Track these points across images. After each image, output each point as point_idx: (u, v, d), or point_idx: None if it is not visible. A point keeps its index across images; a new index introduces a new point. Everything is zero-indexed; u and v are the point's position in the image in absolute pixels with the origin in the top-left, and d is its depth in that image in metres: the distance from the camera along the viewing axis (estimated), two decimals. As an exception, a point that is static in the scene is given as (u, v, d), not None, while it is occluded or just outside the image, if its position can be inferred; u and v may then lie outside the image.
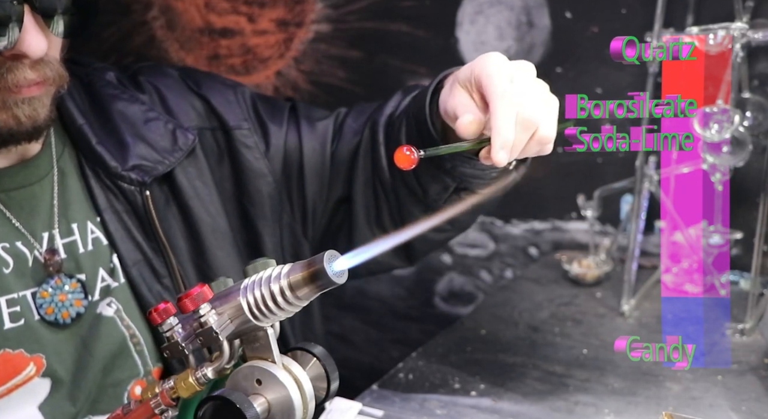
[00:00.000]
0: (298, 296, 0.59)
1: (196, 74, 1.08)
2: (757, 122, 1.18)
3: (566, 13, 1.38)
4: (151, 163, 0.94)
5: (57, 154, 0.94)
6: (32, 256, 0.89)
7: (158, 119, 0.98)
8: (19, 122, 0.82)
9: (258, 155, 1.03)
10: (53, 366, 0.88)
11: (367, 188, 1.01)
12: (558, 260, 1.37)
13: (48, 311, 0.87)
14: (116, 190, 0.93)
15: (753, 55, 1.21)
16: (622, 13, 1.33)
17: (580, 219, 1.44)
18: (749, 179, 1.23)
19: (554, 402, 0.93)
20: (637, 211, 1.19)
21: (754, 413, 0.89)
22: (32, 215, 0.90)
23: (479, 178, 0.89)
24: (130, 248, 0.93)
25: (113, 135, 0.95)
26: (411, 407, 0.93)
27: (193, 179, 0.99)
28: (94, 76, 1.00)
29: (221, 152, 1.03)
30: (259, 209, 1.03)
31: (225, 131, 1.03)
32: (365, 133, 1.02)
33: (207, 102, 1.04)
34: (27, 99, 0.81)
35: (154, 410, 0.67)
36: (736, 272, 1.27)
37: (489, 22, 1.44)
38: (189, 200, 0.98)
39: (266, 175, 1.03)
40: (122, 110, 0.97)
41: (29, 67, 0.79)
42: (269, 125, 1.05)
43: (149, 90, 1.02)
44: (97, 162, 0.93)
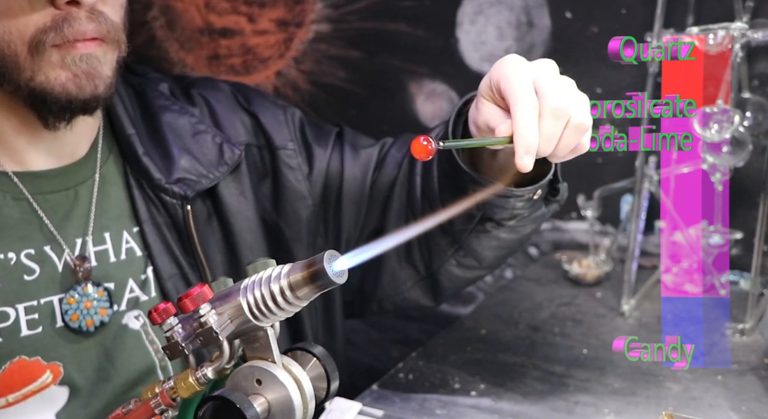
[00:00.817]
0: (298, 296, 0.59)
1: (247, 90, 1.07)
2: (757, 122, 1.18)
3: (566, 13, 1.38)
4: (196, 177, 0.94)
5: (102, 160, 0.93)
6: (62, 261, 0.88)
7: (206, 133, 0.98)
8: (79, 84, 0.81)
9: (300, 177, 1.02)
10: (71, 375, 0.87)
11: (399, 220, 1.00)
12: (558, 260, 1.37)
13: (73, 317, 0.87)
14: (158, 202, 0.93)
15: (753, 55, 1.21)
16: (622, 13, 1.33)
17: (580, 219, 1.44)
18: (749, 179, 1.23)
19: (554, 402, 0.93)
20: (637, 211, 1.19)
21: (754, 413, 0.89)
22: (66, 220, 0.90)
23: (501, 206, 0.86)
24: (166, 262, 0.93)
25: (160, 146, 0.95)
26: (411, 407, 0.93)
27: (235, 194, 0.98)
28: (148, 86, 1.00)
29: (265, 170, 1.03)
30: (295, 232, 1.02)
31: (271, 150, 1.02)
32: (404, 164, 1.00)
33: (256, 119, 1.03)
34: (85, 56, 0.80)
35: (154, 410, 0.67)
36: (736, 272, 1.27)
37: (489, 22, 1.44)
38: (230, 217, 0.97)
39: (306, 198, 1.02)
40: (171, 122, 0.97)
41: (85, 18, 0.79)
42: (314, 148, 1.04)
43: (200, 103, 1.02)
44: (142, 173, 0.93)
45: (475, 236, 0.92)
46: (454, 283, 1.00)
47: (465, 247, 0.94)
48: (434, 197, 0.93)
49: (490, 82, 0.76)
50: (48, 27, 0.78)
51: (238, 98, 1.05)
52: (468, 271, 0.98)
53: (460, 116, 0.87)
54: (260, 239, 1.00)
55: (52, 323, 0.87)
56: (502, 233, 0.91)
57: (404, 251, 1.00)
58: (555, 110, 0.72)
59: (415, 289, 1.02)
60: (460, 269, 0.97)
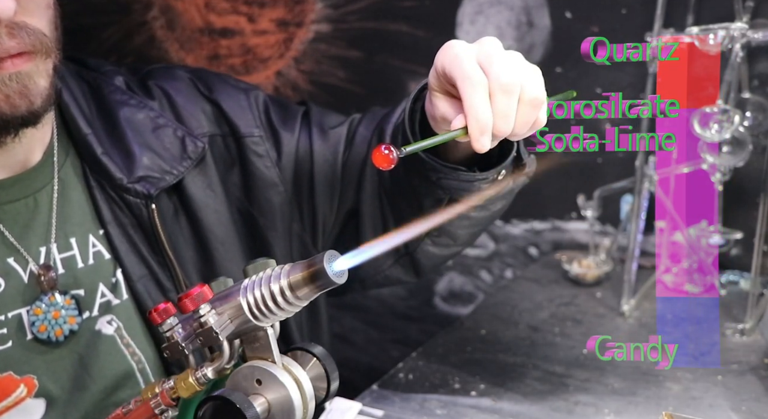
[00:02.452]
0: (298, 296, 0.59)
1: (208, 77, 1.04)
2: (757, 122, 1.18)
3: (566, 13, 1.38)
4: (159, 174, 0.91)
5: (59, 164, 0.90)
6: (27, 272, 0.86)
7: (167, 126, 0.94)
8: (12, 104, 0.77)
9: (269, 163, 1.00)
10: (47, 386, 0.85)
11: (373, 199, 0.98)
12: (558, 260, 1.37)
13: (41, 328, 0.84)
14: (121, 202, 0.90)
15: (753, 55, 1.21)
16: (622, 13, 1.33)
17: (580, 219, 1.44)
18: (749, 179, 1.23)
19: (554, 402, 0.93)
20: (637, 211, 1.19)
21: (754, 413, 0.89)
22: (28, 229, 0.87)
23: (466, 190, 0.84)
24: (135, 263, 0.90)
25: (119, 144, 0.92)
26: (411, 407, 0.93)
27: (202, 188, 0.96)
28: (102, 80, 0.96)
29: (232, 159, 1.00)
30: (269, 220, 1.00)
31: (236, 138, 1.00)
32: (372, 141, 0.98)
33: (218, 107, 1.00)
34: (14, 75, 0.76)
35: (154, 410, 0.67)
36: (736, 272, 1.27)
37: (489, 22, 1.44)
38: (198, 211, 0.95)
39: (277, 184, 1.00)
40: (129, 117, 0.93)
41: (6, 35, 0.74)
42: (281, 133, 1.01)
43: (159, 95, 0.99)
44: (102, 173, 0.90)
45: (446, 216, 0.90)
46: (432, 260, 1.01)
47: (437, 226, 0.93)
48: (402, 179, 0.92)
49: (437, 71, 0.74)
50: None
51: (198, 86, 1.01)
52: (444, 249, 0.98)
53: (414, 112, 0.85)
54: (232, 231, 0.98)
55: (22, 336, 0.84)
56: (473, 212, 0.90)
57: (381, 229, 0.99)
58: (505, 86, 0.69)
59: (396, 267, 1.02)
60: (436, 247, 0.97)
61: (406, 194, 0.93)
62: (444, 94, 0.75)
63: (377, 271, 1.03)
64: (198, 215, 0.95)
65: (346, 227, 1.03)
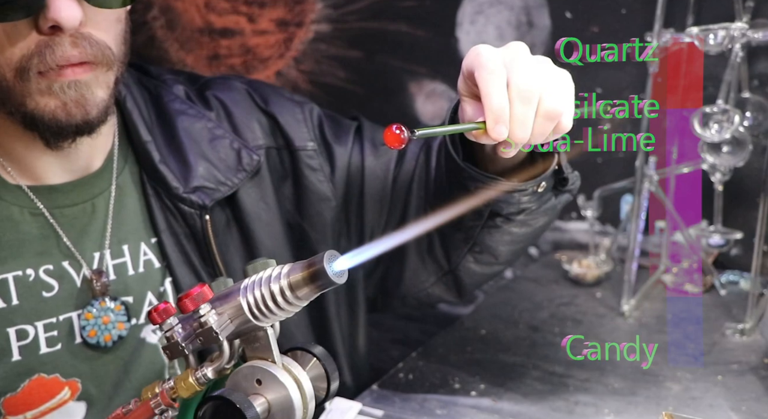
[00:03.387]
0: (298, 296, 0.59)
1: (263, 89, 1.04)
2: (757, 122, 1.18)
3: (566, 13, 1.38)
4: (214, 184, 0.91)
5: (118, 170, 0.91)
6: (80, 276, 0.87)
7: (224, 138, 0.95)
8: (68, 111, 0.78)
9: (322, 177, 1.00)
10: (89, 390, 0.86)
11: (418, 215, 0.98)
12: (558, 260, 1.37)
13: (91, 333, 0.86)
14: (176, 212, 0.91)
15: (753, 55, 1.21)
16: (622, 13, 1.33)
17: (580, 219, 1.44)
18: (749, 179, 1.23)
19: (554, 402, 0.93)
20: (637, 211, 1.19)
21: (754, 413, 0.89)
22: (84, 234, 0.88)
23: (506, 201, 0.84)
24: (185, 273, 0.91)
25: (177, 153, 0.92)
26: (411, 407, 0.93)
27: (256, 200, 0.96)
28: (163, 88, 0.97)
29: (285, 172, 1.00)
30: (319, 233, 1.00)
31: (290, 151, 1.00)
32: (420, 157, 0.98)
33: (274, 119, 1.00)
34: (73, 83, 0.77)
35: (154, 410, 0.67)
36: (736, 272, 1.27)
37: (489, 22, 1.44)
38: (250, 223, 0.95)
39: (330, 199, 1.00)
40: (188, 127, 0.94)
41: (69, 44, 0.75)
42: (334, 147, 1.01)
43: (216, 106, 0.99)
44: (159, 181, 0.91)
45: (487, 232, 0.90)
46: (474, 279, 0.99)
47: (479, 243, 0.92)
48: (446, 193, 0.91)
49: (462, 75, 0.75)
50: (32, 53, 0.75)
51: (255, 98, 1.02)
52: (485, 267, 0.97)
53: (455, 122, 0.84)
54: (282, 244, 0.98)
55: (71, 339, 0.86)
56: (513, 227, 0.89)
57: (426, 249, 0.98)
58: (523, 93, 0.69)
59: (438, 285, 1.01)
60: (478, 265, 0.96)
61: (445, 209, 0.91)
62: (471, 97, 0.75)
63: (419, 289, 1.02)
64: (250, 226, 0.95)
65: None
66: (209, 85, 1.02)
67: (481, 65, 0.70)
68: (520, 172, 0.83)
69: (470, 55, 0.73)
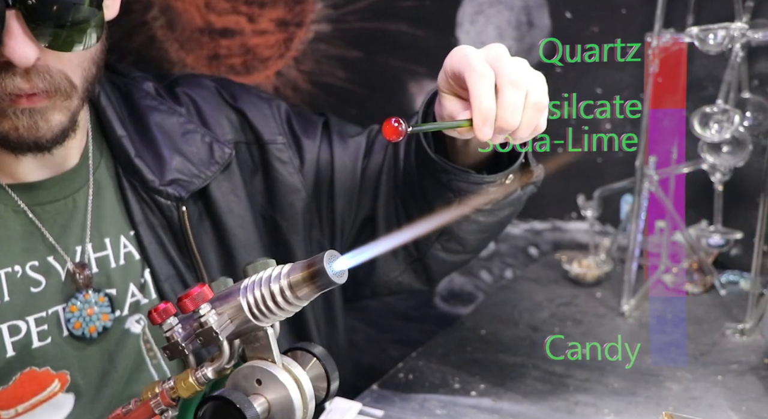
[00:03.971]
0: (298, 296, 0.59)
1: (231, 86, 1.07)
2: (757, 122, 1.18)
3: (566, 13, 1.38)
4: (188, 177, 0.93)
5: (94, 165, 0.92)
6: (64, 270, 0.88)
7: (195, 132, 0.97)
8: (19, 135, 0.79)
9: (292, 169, 1.02)
10: (77, 382, 0.88)
11: (388, 205, 1.01)
12: (558, 260, 1.37)
13: (76, 325, 0.87)
14: (152, 204, 0.92)
15: (753, 55, 1.21)
16: (622, 13, 1.33)
17: (580, 219, 1.44)
18: (749, 179, 1.23)
19: (554, 402, 0.93)
20: (637, 211, 1.19)
21: (754, 413, 0.89)
22: (66, 229, 0.89)
23: (475, 192, 0.87)
24: (163, 263, 0.93)
25: (151, 148, 0.94)
26: (411, 407, 0.93)
27: (227, 193, 0.98)
28: (133, 86, 0.99)
29: (255, 166, 1.02)
30: (291, 224, 1.03)
31: (260, 145, 1.02)
32: (389, 149, 1.02)
33: (243, 115, 1.03)
34: (27, 110, 0.78)
35: (154, 410, 0.67)
36: (736, 272, 1.27)
37: (489, 22, 1.44)
38: (222, 215, 0.97)
39: (300, 190, 1.02)
40: (160, 122, 0.96)
41: (20, 76, 0.75)
42: (303, 140, 1.04)
43: (186, 102, 1.01)
44: (135, 175, 0.93)
45: (455, 221, 0.93)
46: (443, 267, 1.03)
47: (447, 231, 0.95)
48: (415, 184, 0.95)
49: (446, 73, 0.77)
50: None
51: (223, 95, 1.04)
52: (453, 255, 1.00)
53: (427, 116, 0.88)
54: (255, 236, 1.00)
55: (60, 332, 0.87)
56: (481, 217, 0.93)
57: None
58: (514, 81, 0.72)
59: (407, 273, 1.04)
60: (446, 253, 0.99)
61: (417, 198, 0.95)
62: (452, 95, 0.78)
63: (389, 277, 1.04)
64: (222, 219, 0.97)
65: (362, 233, 1.05)
66: (178, 82, 1.04)
67: (471, 67, 0.73)
68: (486, 164, 0.89)
69: (455, 57, 0.75)
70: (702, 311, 1.17)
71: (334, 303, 1.10)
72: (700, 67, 1.28)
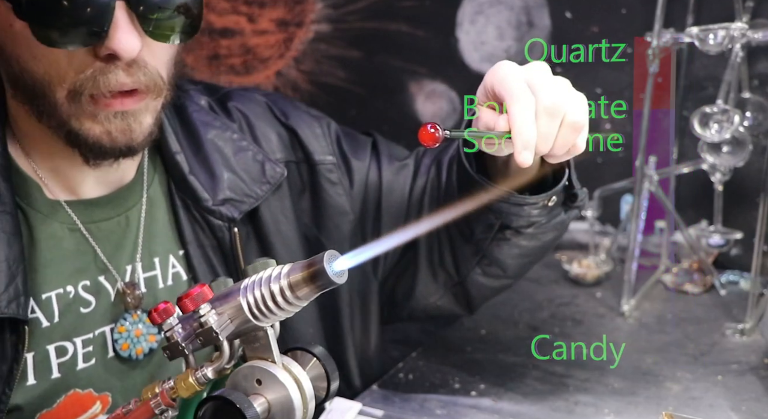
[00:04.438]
0: (298, 296, 0.59)
1: (282, 103, 1.04)
2: (757, 122, 1.18)
3: (566, 13, 1.38)
4: (240, 197, 0.92)
5: (148, 182, 0.91)
6: (114, 290, 0.86)
7: (248, 150, 0.95)
8: (113, 138, 0.78)
9: (341, 191, 1.00)
10: (118, 403, 0.86)
11: (431, 230, 0.98)
12: (558, 260, 1.37)
13: (123, 346, 0.85)
14: (204, 224, 0.91)
15: (753, 55, 1.21)
16: (622, 13, 1.33)
17: (580, 219, 1.44)
18: (749, 179, 1.23)
19: (554, 402, 0.93)
20: (637, 211, 1.19)
21: (754, 413, 0.89)
22: (118, 248, 0.87)
23: (516, 214, 0.86)
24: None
25: (204, 165, 0.92)
26: (411, 407, 0.93)
27: (276, 213, 0.96)
28: (186, 99, 0.97)
29: (303, 185, 1.01)
30: (337, 247, 0.98)
31: (309, 165, 1.00)
32: (431, 172, 1.00)
33: (294, 133, 1.01)
34: (120, 113, 0.77)
35: (154, 410, 0.67)
36: (736, 272, 1.27)
37: (489, 22, 1.44)
38: (270, 236, 0.95)
39: (348, 213, 1.00)
40: (214, 139, 0.94)
41: (123, 72, 0.75)
42: (353, 161, 1.02)
43: (238, 118, 0.99)
44: (188, 193, 0.91)
45: (496, 245, 0.91)
46: (482, 291, 1.00)
47: (488, 255, 0.93)
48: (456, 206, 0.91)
49: (485, 89, 0.77)
50: (86, 77, 0.74)
51: (275, 112, 1.02)
52: (494, 280, 0.98)
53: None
54: (300, 258, 0.96)
55: (104, 353, 0.85)
56: (523, 240, 0.91)
57: (438, 261, 0.99)
58: (549, 108, 0.72)
59: (447, 297, 1.01)
60: (486, 278, 0.97)
61: (459, 221, 0.93)
62: (489, 107, 0.78)
63: (428, 301, 1.02)
64: (270, 239, 0.95)
65: (404, 256, 1.03)
66: (230, 97, 1.02)
67: (511, 94, 0.73)
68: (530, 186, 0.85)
69: (497, 75, 0.75)
70: (702, 311, 1.17)
71: (370, 326, 1.08)
72: (700, 67, 1.28)
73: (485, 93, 0.77)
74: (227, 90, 1.04)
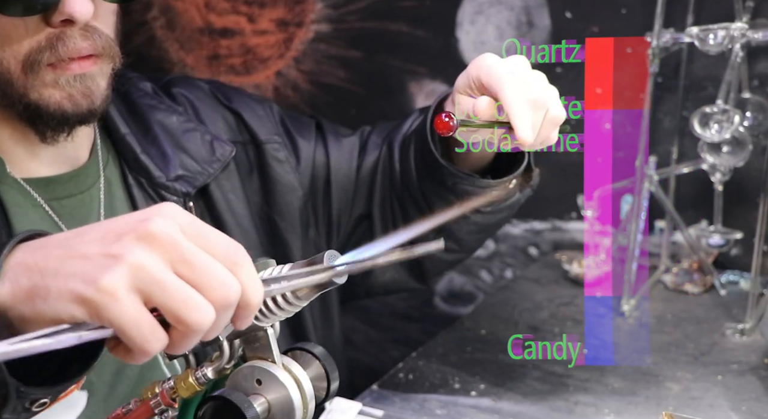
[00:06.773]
0: (298, 296, 0.59)
1: (224, 88, 1.08)
2: (757, 122, 1.18)
3: (566, 13, 1.38)
4: (192, 174, 0.95)
5: (103, 162, 0.93)
6: None
7: (196, 130, 0.98)
8: (75, 102, 0.80)
9: (289, 168, 1.04)
10: (91, 379, 0.87)
11: (384, 204, 1.04)
12: (558, 260, 1.37)
13: None
14: (159, 200, 0.92)
15: (753, 55, 1.21)
16: (622, 13, 1.33)
17: (580, 219, 1.44)
18: (749, 179, 1.23)
19: (554, 402, 0.93)
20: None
21: (754, 413, 0.89)
22: (83, 224, 0.88)
23: (478, 195, 0.91)
24: None
25: (155, 145, 0.95)
26: (411, 407, 0.93)
27: (226, 192, 0.99)
28: (130, 85, 1.00)
29: (251, 165, 1.04)
30: (289, 223, 1.04)
31: (256, 145, 1.04)
32: (383, 150, 1.04)
33: (238, 116, 1.04)
34: (79, 76, 0.79)
35: (154, 410, 0.67)
36: (736, 272, 1.27)
37: (489, 22, 1.44)
38: (222, 214, 0.98)
39: (297, 189, 1.04)
40: (161, 121, 0.97)
41: (79, 36, 0.77)
42: (298, 140, 1.06)
43: (183, 102, 1.03)
44: (142, 172, 0.93)
45: (454, 221, 0.94)
46: (437, 265, 1.06)
47: (444, 231, 0.96)
48: (413, 185, 0.97)
49: (469, 78, 0.80)
50: (42, 46, 0.77)
51: (218, 96, 1.06)
52: (448, 254, 1.02)
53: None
54: (253, 235, 1.01)
55: None
56: (479, 217, 0.96)
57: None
58: (535, 101, 0.75)
59: (402, 271, 1.06)
60: (442, 253, 0.99)
61: (416, 198, 0.97)
62: (469, 97, 0.81)
63: (384, 276, 1.06)
64: (222, 217, 0.98)
65: (356, 231, 1.07)
66: (174, 83, 1.05)
67: (501, 80, 0.76)
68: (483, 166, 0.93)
69: (483, 64, 0.78)
70: (702, 311, 1.17)
71: (331, 303, 1.11)
72: (700, 67, 1.28)
73: (468, 84, 0.80)
74: (170, 77, 1.07)
